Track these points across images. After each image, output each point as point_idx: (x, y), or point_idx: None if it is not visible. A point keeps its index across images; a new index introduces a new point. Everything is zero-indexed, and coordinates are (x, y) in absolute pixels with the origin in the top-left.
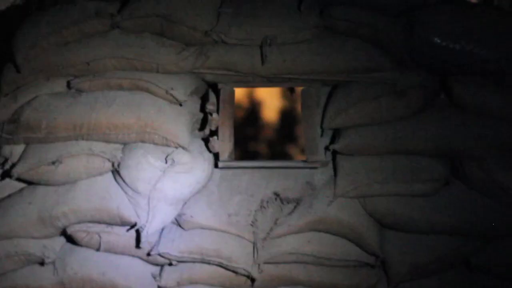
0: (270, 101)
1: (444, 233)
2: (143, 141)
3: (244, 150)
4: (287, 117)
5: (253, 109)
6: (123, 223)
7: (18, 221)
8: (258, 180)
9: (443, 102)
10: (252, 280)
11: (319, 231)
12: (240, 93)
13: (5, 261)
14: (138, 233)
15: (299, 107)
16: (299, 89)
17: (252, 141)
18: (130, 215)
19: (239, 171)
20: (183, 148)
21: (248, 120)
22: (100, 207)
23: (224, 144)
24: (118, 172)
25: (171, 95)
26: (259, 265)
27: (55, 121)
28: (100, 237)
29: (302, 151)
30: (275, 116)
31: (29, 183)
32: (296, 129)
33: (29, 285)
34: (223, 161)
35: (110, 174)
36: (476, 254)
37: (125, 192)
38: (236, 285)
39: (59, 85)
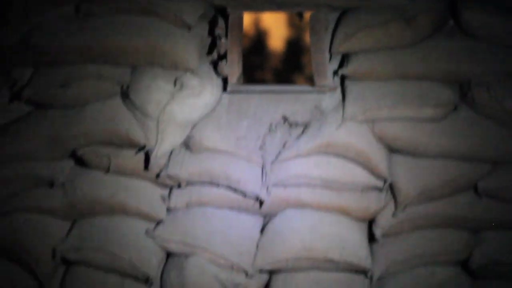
0: (277, 29)
1: (452, 157)
2: (152, 65)
3: (252, 78)
4: (294, 45)
5: (260, 37)
6: (132, 146)
7: (27, 143)
8: (266, 105)
9: (452, 28)
10: (261, 202)
11: (328, 154)
12: (247, 21)
13: (15, 183)
14: (147, 155)
15: (306, 36)
16: (307, 16)
17: (259, 70)
18: (139, 137)
19: (248, 96)
20: (192, 71)
21: (255, 49)
22: (109, 129)
23: (232, 68)
24: (127, 95)
25: (180, 19)
26: (267, 187)
27: (63, 45)
28: (109, 159)
29: (309, 79)
30: (282, 44)
31: (38, 106)
32: (303, 58)
33: (40, 206)
34: (232, 84)
35: (119, 98)
36: (484, 178)
37: (134, 115)
38: (244, 208)
39: (68, 10)
